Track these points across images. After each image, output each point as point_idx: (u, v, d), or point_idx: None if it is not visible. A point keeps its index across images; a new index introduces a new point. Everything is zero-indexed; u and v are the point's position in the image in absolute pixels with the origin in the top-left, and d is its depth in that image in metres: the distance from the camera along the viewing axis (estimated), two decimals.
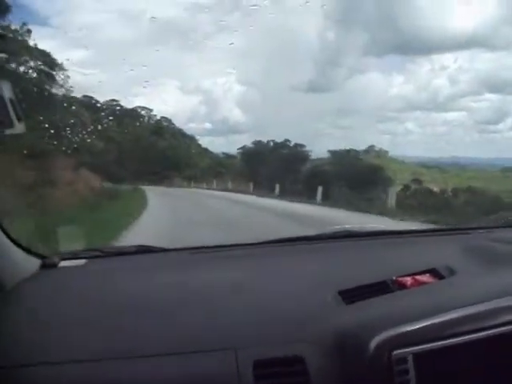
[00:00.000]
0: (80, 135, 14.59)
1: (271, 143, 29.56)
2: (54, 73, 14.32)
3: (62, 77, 14.53)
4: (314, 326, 0.96)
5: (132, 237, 6.35)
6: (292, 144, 28.31)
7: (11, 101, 0.88)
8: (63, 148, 13.90)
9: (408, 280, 1.13)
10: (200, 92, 45.02)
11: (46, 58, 14.08)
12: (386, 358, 0.87)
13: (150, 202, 14.00)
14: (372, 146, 30.76)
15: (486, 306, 0.93)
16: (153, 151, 30.27)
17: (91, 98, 26.49)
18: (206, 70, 46.64)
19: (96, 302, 1.08)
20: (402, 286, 1.11)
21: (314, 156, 26.39)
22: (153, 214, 10.63)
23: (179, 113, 46.31)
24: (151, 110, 32.33)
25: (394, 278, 1.14)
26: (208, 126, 44.36)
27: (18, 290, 1.10)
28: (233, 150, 32.52)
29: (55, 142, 13.65)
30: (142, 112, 32.31)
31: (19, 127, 0.90)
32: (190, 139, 33.70)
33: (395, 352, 0.87)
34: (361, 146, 20.41)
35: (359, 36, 44.74)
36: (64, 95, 14.89)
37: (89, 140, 15.51)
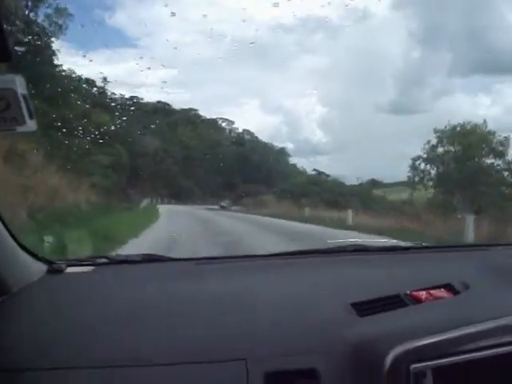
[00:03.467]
0: (92, 136, 13.62)
1: None
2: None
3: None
4: (327, 338, 0.95)
5: None
6: None
7: (24, 97, 0.84)
8: (74, 149, 13.10)
9: (423, 294, 1.12)
10: (281, 112, 44.53)
11: None
12: (404, 372, 0.85)
13: None
14: None
15: (502, 321, 0.93)
16: (233, 159, 24.97)
17: (165, 103, 25.89)
18: (287, 90, 46.03)
19: (101, 308, 1.08)
20: (417, 300, 1.10)
21: None
22: None
23: (260, 131, 45.85)
24: (233, 122, 29.19)
25: (409, 291, 1.13)
26: (290, 145, 43.61)
27: (24, 294, 1.12)
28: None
29: (66, 142, 12.89)
30: (223, 124, 29.41)
31: (31, 125, 0.87)
32: (276, 153, 31.13)
33: (413, 366, 0.86)
34: None
35: (444, 55, 42.48)
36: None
37: (103, 140, 14.42)
